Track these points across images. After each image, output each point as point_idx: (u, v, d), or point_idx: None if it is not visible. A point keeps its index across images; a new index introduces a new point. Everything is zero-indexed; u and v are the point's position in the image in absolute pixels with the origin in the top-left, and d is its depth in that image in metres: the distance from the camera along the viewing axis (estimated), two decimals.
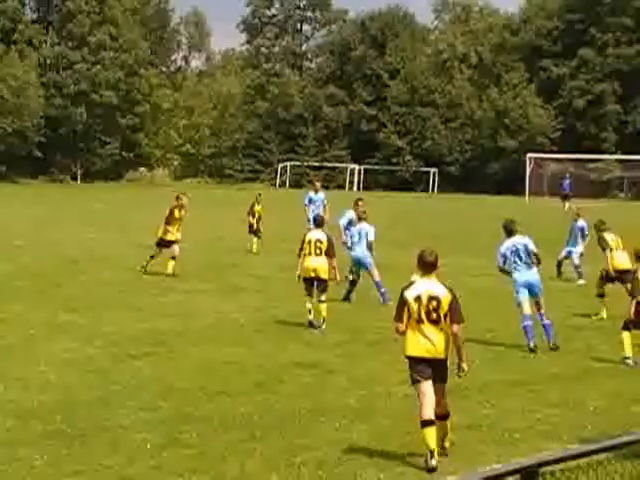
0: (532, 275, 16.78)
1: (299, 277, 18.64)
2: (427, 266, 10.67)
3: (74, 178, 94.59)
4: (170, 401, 12.29)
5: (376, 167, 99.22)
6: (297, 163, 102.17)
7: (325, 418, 11.70)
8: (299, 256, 18.57)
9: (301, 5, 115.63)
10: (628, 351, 15.10)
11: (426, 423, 10.10)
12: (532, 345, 16.10)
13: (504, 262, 16.91)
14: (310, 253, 18.34)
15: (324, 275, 18.43)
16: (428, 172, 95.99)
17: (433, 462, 9.92)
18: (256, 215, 32.48)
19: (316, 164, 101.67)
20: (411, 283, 10.65)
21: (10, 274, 24.34)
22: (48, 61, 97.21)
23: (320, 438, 10.84)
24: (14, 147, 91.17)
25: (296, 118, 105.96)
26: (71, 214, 48.25)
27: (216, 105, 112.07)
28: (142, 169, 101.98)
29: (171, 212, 26.28)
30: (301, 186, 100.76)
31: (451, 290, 10.48)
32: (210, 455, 10.16)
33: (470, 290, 21.71)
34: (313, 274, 18.38)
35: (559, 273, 26.09)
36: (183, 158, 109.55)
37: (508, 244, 17.01)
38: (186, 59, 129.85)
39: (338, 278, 19.02)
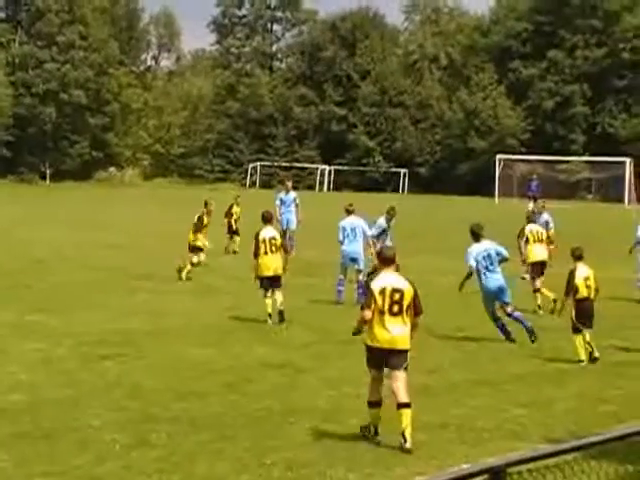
0: (500, 280, 17.02)
1: (256, 278, 18.91)
2: (387, 261, 11.47)
3: (43, 177, 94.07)
4: (139, 401, 12.26)
5: (346, 168, 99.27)
6: (267, 163, 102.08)
7: (295, 419, 11.71)
8: (255, 256, 18.70)
9: (271, 5, 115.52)
10: (582, 354, 15.26)
11: (373, 404, 11.14)
12: (512, 337, 16.61)
13: (476, 266, 17.01)
14: (267, 252, 18.61)
15: (281, 271, 18.83)
16: (398, 173, 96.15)
17: (377, 438, 10.98)
18: (234, 216, 32.64)
19: (286, 164, 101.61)
20: (376, 276, 11.46)
21: None
22: (17, 60, 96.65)
23: (290, 439, 10.86)
24: None
25: (266, 118, 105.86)
26: (40, 214, 48.00)
27: (186, 105, 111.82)
28: (112, 169, 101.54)
29: (200, 219, 26.34)
30: (271, 186, 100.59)
31: (412, 284, 11.24)
32: (179, 455, 10.15)
33: (440, 290, 21.82)
34: (272, 272, 18.65)
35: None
36: (153, 158, 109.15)
37: (479, 249, 17.12)
38: (156, 59, 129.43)
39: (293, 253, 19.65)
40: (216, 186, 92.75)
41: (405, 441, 10.67)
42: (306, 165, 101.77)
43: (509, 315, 16.94)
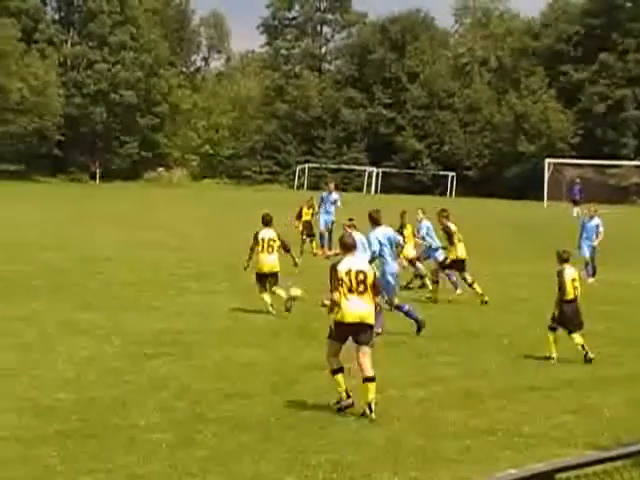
0: (395, 265, 18.20)
1: (245, 268, 20.10)
2: (348, 247, 12.88)
3: (92, 177, 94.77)
4: (186, 401, 12.32)
5: (394, 170, 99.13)
6: (315, 165, 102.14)
7: (340, 420, 11.71)
8: (251, 250, 19.91)
9: (321, 7, 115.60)
10: (553, 351, 15.63)
11: (336, 371, 12.45)
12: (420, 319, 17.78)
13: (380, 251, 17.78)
14: (263, 251, 19.76)
15: (277, 269, 20.00)
16: (446, 176, 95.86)
17: (350, 401, 12.27)
18: (304, 218, 32.95)
19: (334, 166, 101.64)
20: (340, 260, 12.64)
21: (29, 273, 24.42)
22: (69, 61, 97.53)
23: (335, 440, 10.86)
24: (34, 146, 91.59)
25: (314, 120, 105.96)
26: (90, 213, 48.36)
27: (235, 106, 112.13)
28: (160, 169, 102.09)
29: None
30: (319, 188, 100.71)
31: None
32: (225, 455, 10.18)
33: (487, 295, 21.73)
34: (268, 270, 19.79)
35: (594, 271, 26.62)
36: (202, 159, 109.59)
37: (379, 233, 17.91)
38: (206, 60, 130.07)
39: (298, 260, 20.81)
40: (264, 187, 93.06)
41: (371, 411, 11.84)
42: (354, 167, 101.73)
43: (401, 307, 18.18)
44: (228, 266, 27.92)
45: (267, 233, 19.98)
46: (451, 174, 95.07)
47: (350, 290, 12.31)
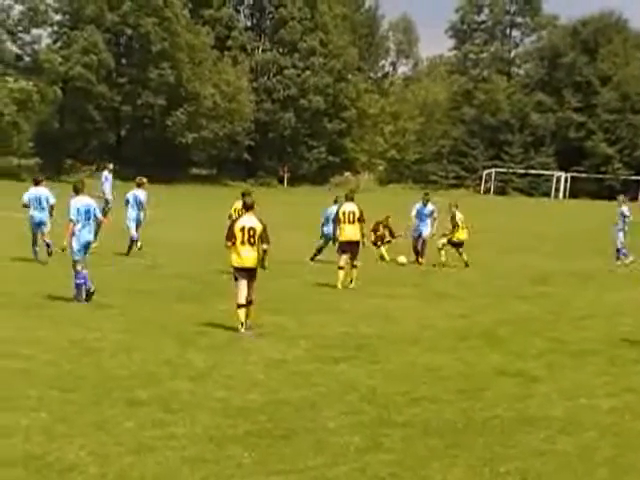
0: (89, 235, 19.90)
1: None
2: (247, 207, 17.34)
3: (281, 181, 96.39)
4: (373, 405, 12.36)
5: (583, 175, 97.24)
6: (502, 170, 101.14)
7: (529, 428, 11.54)
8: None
9: (511, 10, 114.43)
10: None
11: (240, 306, 16.88)
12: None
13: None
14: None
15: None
16: (638, 181, 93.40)
17: (242, 330, 16.78)
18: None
19: (522, 171, 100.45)
20: (239, 217, 17.50)
21: (221, 275, 24.95)
22: (260, 67, 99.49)
23: (524, 448, 10.70)
24: (225, 151, 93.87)
25: (502, 124, 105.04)
26: (275, 216, 49.12)
27: (422, 111, 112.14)
28: (347, 174, 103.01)
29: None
30: (506, 193, 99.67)
31: (262, 222, 17.05)
32: (412, 460, 10.17)
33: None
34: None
35: None
36: (388, 163, 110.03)
37: (81, 202, 19.55)
38: (394, 65, 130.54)
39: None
40: (450, 192, 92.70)
41: (244, 326, 16.82)
42: (542, 172, 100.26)
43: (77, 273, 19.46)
44: (413, 270, 27.98)
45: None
46: None
47: (242, 242, 16.83)
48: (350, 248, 23.93)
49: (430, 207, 30.66)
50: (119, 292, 21.36)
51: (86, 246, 19.91)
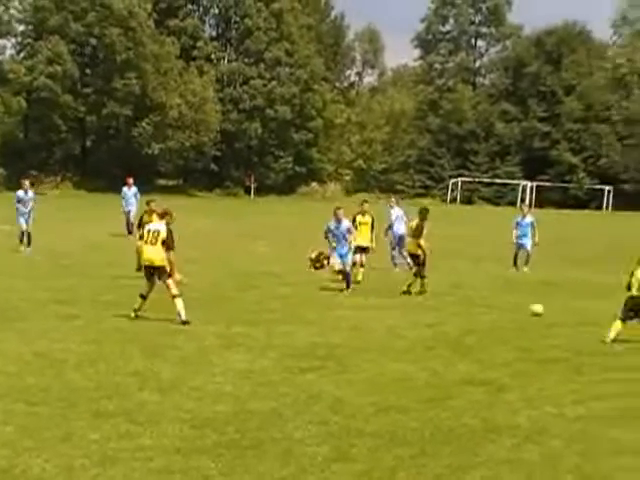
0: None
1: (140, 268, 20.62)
2: (157, 215, 20.33)
3: (247, 192, 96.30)
4: (340, 415, 12.36)
5: (548, 184, 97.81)
6: (468, 179, 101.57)
7: (495, 436, 11.58)
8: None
9: (476, 21, 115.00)
10: (612, 335, 18.17)
11: (142, 296, 19.18)
12: None
13: None
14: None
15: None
16: (602, 190, 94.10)
17: (132, 315, 19.12)
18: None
19: (487, 180, 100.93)
20: (151, 221, 21.17)
21: (186, 285, 24.90)
22: (225, 77, 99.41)
23: (490, 457, 10.74)
24: (191, 161, 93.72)
25: (468, 134, 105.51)
26: (246, 227, 49.09)
27: (388, 121, 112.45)
28: (314, 184, 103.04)
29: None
30: (472, 202, 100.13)
31: (168, 228, 19.04)
32: (380, 470, 10.17)
33: None
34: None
35: None
36: (355, 173, 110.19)
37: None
38: (359, 75, 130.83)
39: (178, 277, 19.55)
40: (415, 202, 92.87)
41: (181, 316, 18.67)
42: (507, 181, 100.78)
43: None
44: (382, 281, 27.98)
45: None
46: (607, 188, 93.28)
47: (147, 242, 19.16)
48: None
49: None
50: (84, 302, 21.28)
51: None
